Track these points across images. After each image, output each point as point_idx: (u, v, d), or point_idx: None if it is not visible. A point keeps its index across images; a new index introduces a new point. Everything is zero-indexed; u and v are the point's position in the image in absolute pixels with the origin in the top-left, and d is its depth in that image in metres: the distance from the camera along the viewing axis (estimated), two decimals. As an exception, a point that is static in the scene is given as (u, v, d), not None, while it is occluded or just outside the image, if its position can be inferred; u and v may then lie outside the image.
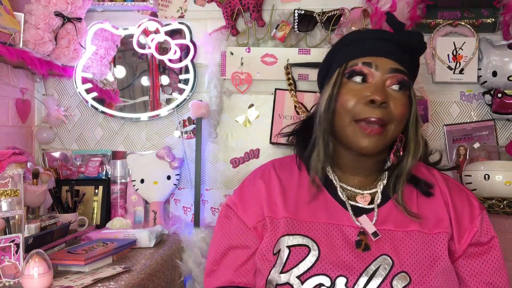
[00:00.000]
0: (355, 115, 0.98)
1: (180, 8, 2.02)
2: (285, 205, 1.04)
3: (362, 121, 0.97)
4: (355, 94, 0.99)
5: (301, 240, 0.99)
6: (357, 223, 1.00)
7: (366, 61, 1.00)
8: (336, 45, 1.09)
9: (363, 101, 0.97)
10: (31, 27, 1.69)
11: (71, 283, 1.21)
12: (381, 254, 0.96)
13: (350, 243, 0.98)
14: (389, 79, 0.99)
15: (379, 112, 0.96)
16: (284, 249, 0.98)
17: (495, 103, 1.79)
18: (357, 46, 1.02)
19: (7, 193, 1.28)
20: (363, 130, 0.97)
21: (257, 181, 1.10)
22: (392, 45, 1.01)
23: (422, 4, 1.78)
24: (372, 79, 0.99)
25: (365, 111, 0.97)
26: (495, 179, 1.61)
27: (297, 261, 0.96)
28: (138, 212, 1.96)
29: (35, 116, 2.07)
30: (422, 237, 0.98)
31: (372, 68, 0.99)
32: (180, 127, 2.02)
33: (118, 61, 2.05)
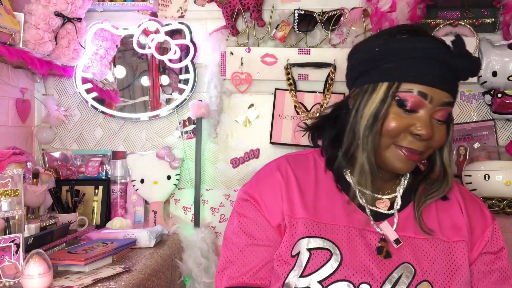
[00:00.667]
0: (398, 141, 0.93)
1: (180, 8, 2.02)
2: (303, 205, 0.98)
3: (404, 149, 0.92)
4: (402, 122, 0.91)
5: (322, 243, 0.94)
6: (377, 229, 0.97)
7: (422, 91, 0.89)
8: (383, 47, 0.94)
9: (409, 131, 0.91)
10: (31, 27, 1.69)
11: (71, 283, 1.21)
12: (403, 262, 0.94)
13: (371, 249, 0.95)
14: (438, 111, 0.91)
15: (422, 145, 0.92)
16: (304, 251, 0.94)
17: (495, 103, 1.79)
18: (415, 64, 0.90)
19: (7, 193, 1.28)
20: (403, 155, 0.93)
21: (275, 174, 1.03)
22: (449, 71, 0.91)
23: (422, 4, 1.78)
24: (422, 110, 0.91)
25: (409, 142, 0.92)
26: (495, 179, 1.61)
27: (318, 265, 0.92)
28: (138, 212, 1.96)
29: (35, 116, 2.07)
30: (442, 245, 0.96)
31: (427, 100, 0.90)
32: (180, 127, 2.02)
33: (118, 61, 2.05)
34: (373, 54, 0.94)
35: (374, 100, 0.92)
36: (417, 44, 0.91)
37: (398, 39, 0.93)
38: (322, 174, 1.04)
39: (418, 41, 0.91)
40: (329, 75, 1.90)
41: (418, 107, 0.90)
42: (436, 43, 0.92)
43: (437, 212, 1.01)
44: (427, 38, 0.93)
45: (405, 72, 0.91)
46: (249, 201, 1.02)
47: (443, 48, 0.91)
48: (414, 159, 0.93)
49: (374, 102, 0.92)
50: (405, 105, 0.90)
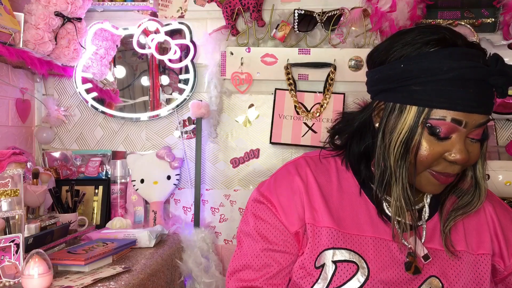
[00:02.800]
0: (431, 167, 0.87)
1: (180, 8, 2.02)
2: (327, 212, 0.93)
3: (439, 173, 0.87)
4: (436, 150, 0.84)
5: (348, 255, 0.90)
6: (405, 243, 0.92)
7: (456, 117, 0.81)
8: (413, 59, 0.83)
9: (443, 157, 0.85)
10: (31, 27, 1.69)
11: (71, 283, 1.21)
12: (430, 275, 0.91)
13: (398, 263, 0.91)
14: (473, 132, 0.84)
15: (458, 168, 0.86)
16: (330, 264, 0.89)
17: (495, 103, 1.79)
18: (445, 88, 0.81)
19: (7, 193, 1.28)
20: (437, 180, 0.87)
21: (294, 178, 0.97)
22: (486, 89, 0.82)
23: (422, 4, 1.78)
24: (455, 135, 0.83)
25: (443, 167, 0.86)
26: (495, 179, 1.61)
27: (344, 279, 0.88)
28: (138, 212, 1.96)
29: (35, 116, 2.07)
30: (468, 258, 0.93)
31: (461, 126, 0.82)
32: (180, 127, 2.02)
33: (118, 61, 2.05)
34: (398, 71, 0.84)
35: (403, 126, 0.84)
36: (449, 62, 0.80)
37: (426, 54, 0.82)
38: (344, 178, 0.98)
39: (449, 58, 0.80)
40: (329, 75, 1.90)
41: (452, 133, 0.83)
42: (471, 58, 0.81)
43: (463, 223, 0.97)
44: (460, 52, 0.80)
45: (436, 98, 0.81)
46: (265, 204, 0.97)
47: (479, 65, 0.80)
48: (449, 182, 0.89)
49: (403, 129, 0.84)
50: (438, 133, 0.83)
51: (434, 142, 0.84)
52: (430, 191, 0.89)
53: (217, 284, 1.83)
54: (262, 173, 1.99)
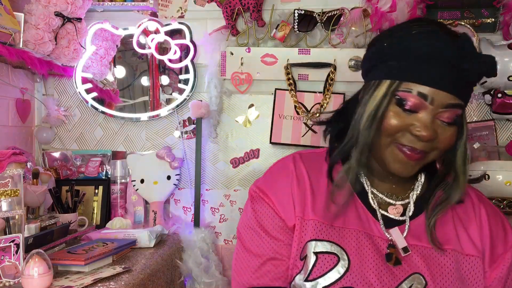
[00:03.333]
0: (396, 139, 0.89)
1: (180, 8, 2.02)
2: (314, 206, 0.95)
3: (404, 148, 0.88)
4: (401, 121, 0.87)
5: (330, 247, 0.91)
6: (387, 235, 0.94)
7: (422, 91, 0.85)
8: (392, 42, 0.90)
9: (409, 130, 0.87)
10: (31, 27, 1.69)
11: (71, 283, 1.21)
12: (414, 272, 0.90)
13: (381, 256, 0.92)
14: (443, 113, 0.87)
15: (424, 145, 0.87)
16: (311, 255, 0.91)
17: (495, 103, 1.79)
18: (416, 64, 0.86)
19: (7, 193, 1.28)
20: (402, 154, 0.88)
21: (289, 172, 1.00)
22: (456, 72, 0.85)
23: (422, 4, 1.78)
24: (423, 111, 0.87)
25: (408, 140, 0.88)
26: (495, 179, 1.61)
27: (324, 270, 0.89)
28: (138, 212, 1.96)
29: (35, 116, 2.07)
30: (456, 257, 0.93)
31: (427, 101, 0.85)
32: (180, 127, 2.02)
33: (118, 61, 2.05)
34: (381, 48, 0.91)
35: (376, 97, 0.90)
36: (423, 41, 0.86)
37: (405, 35, 0.89)
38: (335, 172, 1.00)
39: (424, 39, 0.86)
40: (329, 75, 1.90)
41: (418, 108, 0.86)
42: (445, 41, 0.85)
43: (454, 221, 0.97)
44: (436, 35, 0.86)
45: (406, 71, 0.87)
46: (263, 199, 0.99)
47: (451, 47, 0.84)
48: (414, 159, 0.88)
49: (375, 100, 0.90)
50: (404, 105, 0.87)
51: (400, 113, 0.88)
52: (397, 169, 0.90)
53: (217, 284, 1.83)
54: (262, 173, 1.96)
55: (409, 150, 0.88)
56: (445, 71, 0.85)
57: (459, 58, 0.84)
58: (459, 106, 0.87)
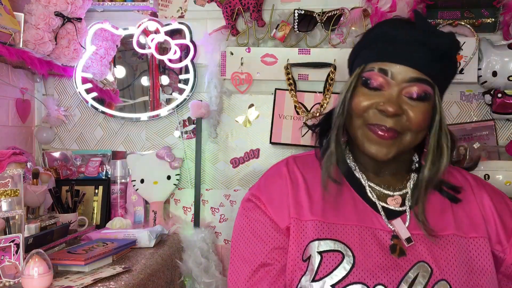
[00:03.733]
0: (366, 120, 0.92)
1: (180, 8, 2.02)
2: (311, 207, 0.96)
3: (375, 127, 0.91)
4: (367, 99, 0.91)
5: (333, 245, 0.92)
6: (390, 227, 0.94)
7: (382, 67, 0.91)
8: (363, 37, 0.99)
9: (375, 107, 0.91)
10: (31, 27, 1.69)
11: (71, 283, 1.21)
12: (419, 261, 0.91)
13: (384, 248, 0.92)
14: (406, 88, 0.90)
15: (392, 121, 0.89)
16: (315, 255, 0.91)
17: (495, 103, 1.79)
18: (378, 46, 0.93)
19: (7, 193, 1.28)
20: (373, 134, 0.91)
21: (282, 176, 1.02)
22: (418, 49, 0.89)
23: (422, 4, 1.78)
24: (387, 87, 0.91)
25: (376, 118, 0.90)
26: (495, 179, 1.61)
27: (330, 268, 0.89)
28: (138, 212, 1.96)
29: (35, 116, 2.07)
30: (459, 241, 0.93)
31: (388, 76, 0.90)
32: (180, 127, 2.02)
33: (118, 61, 2.05)
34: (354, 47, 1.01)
35: (347, 84, 0.96)
36: (386, 28, 0.94)
37: (371, 29, 0.99)
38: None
39: (387, 26, 0.94)
40: (329, 75, 1.90)
41: (382, 84, 0.91)
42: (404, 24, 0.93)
43: (452, 207, 0.98)
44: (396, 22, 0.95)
45: (370, 54, 0.94)
46: (255, 203, 1.01)
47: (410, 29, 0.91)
48: (386, 138, 0.90)
49: (346, 86, 0.96)
50: (369, 83, 0.92)
51: (366, 93, 0.92)
52: (371, 151, 0.92)
53: (217, 284, 1.83)
54: (262, 173, 1.97)
55: (379, 130, 0.90)
56: (405, 48, 0.90)
57: (419, 36, 0.90)
58: (425, 82, 0.90)
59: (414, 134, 0.92)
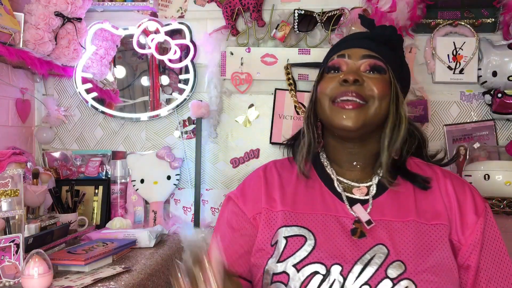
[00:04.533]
0: (332, 96, 1.03)
1: (180, 8, 2.02)
2: (283, 200, 1.07)
3: (340, 101, 1.01)
4: (331, 80, 1.05)
5: (298, 230, 1.01)
6: (352, 213, 1.02)
7: (340, 53, 1.07)
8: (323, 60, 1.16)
9: (337, 83, 1.03)
10: (31, 27, 1.69)
11: (71, 283, 1.21)
12: (377, 243, 0.97)
13: (347, 232, 1.00)
14: (362, 64, 1.04)
15: (354, 87, 1.00)
16: (282, 239, 1.00)
17: (495, 103, 1.79)
18: (335, 47, 1.12)
19: (7, 193, 1.28)
20: (340, 108, 1.01)
21: (258, 175, 1.14)
22: (367, 40, 1.07)
23: (422, 4, 1.78)
24: (346, 67, 1.05)
25: (340, 89, 1.02)
26: (495, 179, 1.61)
27: (293, 250, 0.98)
28: (138, 212, 1.96)
29: (35, 116, 2.07)
30: (418, 227, 0.99)
31: (345, 58, 1.06)
32: (180, 127, 2.02)
33: (118, 61, 2.05)
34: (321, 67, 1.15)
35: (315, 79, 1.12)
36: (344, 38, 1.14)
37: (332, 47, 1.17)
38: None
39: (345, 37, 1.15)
40: (329, 75, 1.90)
41: (341, 64, 1.06)
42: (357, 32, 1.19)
43: (415, 196, 1.04)
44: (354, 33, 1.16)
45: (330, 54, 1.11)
46: (231, 198, 1.14)
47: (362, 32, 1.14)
48: (355, 107, 1.00)
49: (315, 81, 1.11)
50: (330, 67, 1.07)
51: (330, 75, 1.07)
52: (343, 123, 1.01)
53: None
54: (262, 173, 1.99)
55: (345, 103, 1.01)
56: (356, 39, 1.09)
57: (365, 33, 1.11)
58: (377, 58, 1.04)
59: (378, 102, 1.02)
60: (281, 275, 0.97)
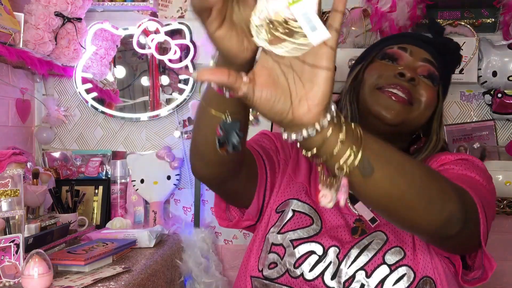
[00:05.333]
0: (380, 83, 0.99)
1: (180, 8, 2.02)
2: (306, 173, 1.05)
3: (388, 91, 0.97)
4: (384, 68, 1.01)
5: (309, 210, 1.00)
6: (354, 211, 1.01)
7: (402, 46, 1.03)
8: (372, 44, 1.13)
9: (392, 73, 0.98)
10: (31, 27, 1.69)
11: (71, 283, 1.21)
12: (376, 230, 0.96)
13: (349, 227, 0.99)
14: (420, 67, 1.01)
15: (407, 84, 0.97)
16: (289, 211, 1.00)
17: (495, 103, 1.79)
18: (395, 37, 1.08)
19: (7, 193, 1.28)
20: (386, 96, 0.97)
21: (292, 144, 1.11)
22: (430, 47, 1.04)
23: (422, 4, 1.78)
24: (403, 62, 1.01)
25: (392, 79, 0.98)
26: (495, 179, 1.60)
27: (296, 226, 0.97)
28: (138, 212, 1.96)
29: (35, 116, 2.07)
30: None
31: (407, 53, 1.02)
32: (180, 127, 2.02)
33: (118, 61, 2.05)
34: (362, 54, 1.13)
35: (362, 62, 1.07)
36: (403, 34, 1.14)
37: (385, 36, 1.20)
38: None
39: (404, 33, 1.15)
40: (329, 75, 1.89)
41: (400, 57, 1.02)
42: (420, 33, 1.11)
43: None
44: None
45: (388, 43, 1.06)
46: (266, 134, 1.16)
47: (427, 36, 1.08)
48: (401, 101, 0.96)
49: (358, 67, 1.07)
50: (386, 54, 1.03)
51: (383, 63, 1.03)
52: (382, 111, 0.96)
53: (217, 284, 1.83)
54: (262, 173, 1.99)
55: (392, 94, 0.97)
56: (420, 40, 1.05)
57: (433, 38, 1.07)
58: (435, 66, 1.02)
59: (423, 109, 0.99)
60: (278, 247, 0.97)
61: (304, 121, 0.58)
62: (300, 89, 0.57)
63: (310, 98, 0.56)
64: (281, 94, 0.57)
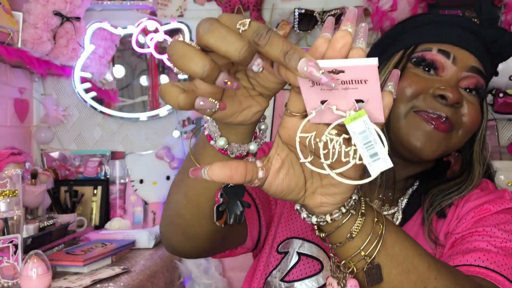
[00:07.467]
0: (416, 106, 0.76)
1: (179, 7, 2.01)
2: None
3: (425, 112, 0.75)
4: (421, 81, 0.76)
5: (317, 252, 0.82)
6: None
7: (443, 48, 0.77)
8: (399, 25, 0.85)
9: (431, 92, 0.75)
10: (30, 26, 1.68)
11: (70, 284, 1.21)
12: None
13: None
14: (466, 79, 0.77)
15: (449, 110, 0.74)
16: (294, 254, 0.83)
17: (496, 103, 1.79)
18: (433, 28, 0.79)
19: (5, 193, 1.27)
20: (424, 122, 0.75)
21: None
22: (477, 40, 0.78)
23: (423, 4, 1.78)
24: (445, 72, 0.77)
25: (431, 104, 0.75)
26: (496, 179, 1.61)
27: (304, 275, 0.81)
28: (137, 213, 1.95)
29: (33, 116, 2.06)
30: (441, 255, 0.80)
31: (449, 60, 0.76)
32: (179, 127, 2.01)
33: (117, 60, 2.04)
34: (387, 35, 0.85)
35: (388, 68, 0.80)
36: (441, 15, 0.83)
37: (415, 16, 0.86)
38: None
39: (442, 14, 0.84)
40: (330, 74, 1.89)
41: (440, 66, 0.77)
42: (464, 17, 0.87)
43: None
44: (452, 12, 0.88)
45: (422, 35, 0.80)
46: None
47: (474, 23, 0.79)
48: (442, 129, 0.75)
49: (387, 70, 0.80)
50: (424, 61, 0.77)
51: (419, 73, 0.77)
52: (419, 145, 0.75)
53: (217, 285, 1.82)
54: (262, 173, 1.98)
55: (433, 118, 0.75)
56: (464, 33, 0.78)
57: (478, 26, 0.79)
58: (482, 75, 0.78)
59: (464, 133, 0.78)
60: None
61: (315, 212, 0.52)
62: (316, 181, 0.51)
63: (325, 194, 0.50)
64: (295, 185, 0.51)
